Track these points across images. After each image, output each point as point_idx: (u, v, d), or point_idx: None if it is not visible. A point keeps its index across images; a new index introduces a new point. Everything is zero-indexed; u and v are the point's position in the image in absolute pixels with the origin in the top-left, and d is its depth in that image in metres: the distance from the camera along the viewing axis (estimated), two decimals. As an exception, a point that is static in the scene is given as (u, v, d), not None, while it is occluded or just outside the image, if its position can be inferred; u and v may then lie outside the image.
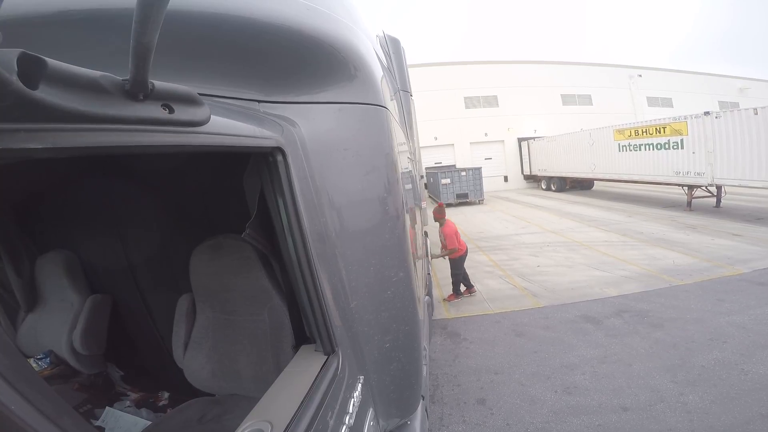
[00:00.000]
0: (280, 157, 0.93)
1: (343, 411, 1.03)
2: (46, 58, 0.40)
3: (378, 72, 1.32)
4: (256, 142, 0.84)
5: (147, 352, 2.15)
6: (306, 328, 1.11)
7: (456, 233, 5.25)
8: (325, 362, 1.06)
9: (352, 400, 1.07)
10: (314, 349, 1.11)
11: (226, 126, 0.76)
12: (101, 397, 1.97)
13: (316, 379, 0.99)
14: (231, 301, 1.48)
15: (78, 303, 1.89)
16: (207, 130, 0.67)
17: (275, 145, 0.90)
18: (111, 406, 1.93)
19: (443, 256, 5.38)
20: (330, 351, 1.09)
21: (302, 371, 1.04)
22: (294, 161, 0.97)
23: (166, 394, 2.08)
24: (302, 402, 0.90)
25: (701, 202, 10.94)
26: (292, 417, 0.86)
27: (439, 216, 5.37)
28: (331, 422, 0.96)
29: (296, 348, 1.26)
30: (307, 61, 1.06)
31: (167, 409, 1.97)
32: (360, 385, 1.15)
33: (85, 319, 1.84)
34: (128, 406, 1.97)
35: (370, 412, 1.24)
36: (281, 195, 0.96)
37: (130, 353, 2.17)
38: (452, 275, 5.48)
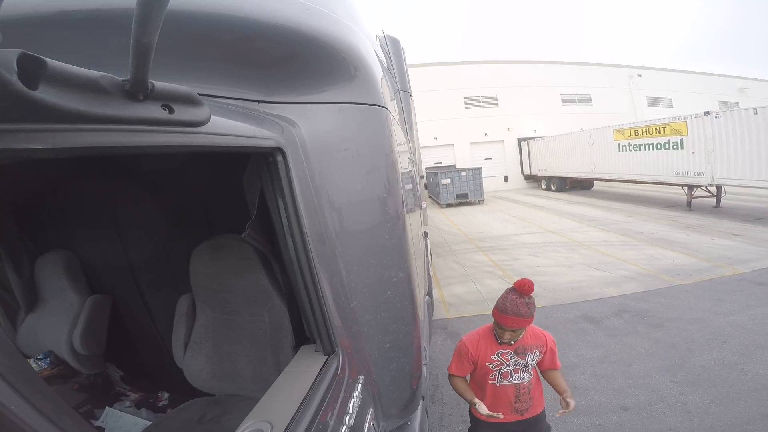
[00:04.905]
0: (280, 158, 0.93)
1: (343, 411, 1.03)
2: (46, 58, 0.39)
3: (378, 72, 1.32)
4: (256, 142, 0.84)
5: (147, 352, 2.14)
6: (306, 329, 1.11)
7: None
8: (325, 362, 1.06)
9: (352, 400, 1.07)
10: (314, 350, 1.11)
11: (226, 126, 0.76)
12: (101, 398, 1.97)
13: (316, 379, 0.99)
14: (231, 301, 1.48)
15: (78, 303, 1.89)
16: (207, 130, 0.67)
17: (275, 146, 0.90)
18: (111, 406, 1.93)
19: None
20: (330, 351, 1.09)
21: (302, 371, 1.04)
22: (294, 161, 0.97)
23: (166, 395, 2.08)
24: (302, 402, 0.90)
25: (701, 202, 10.93)
26: (292, 417, 0.86)
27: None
28: (331, 422, 0.95)
29: (296, 348, 1.26)
30: (307, 62, 1.06)
31: (167, 410, 1.97)
32: (360, 385, 1.15)
33: (85, 320, 1.84)
34: (128, 407, 1.97)
35: (370, 413, 1.24)
36: (281, 195, 0.96)
37: (130, 353, 2.17)
38: None
